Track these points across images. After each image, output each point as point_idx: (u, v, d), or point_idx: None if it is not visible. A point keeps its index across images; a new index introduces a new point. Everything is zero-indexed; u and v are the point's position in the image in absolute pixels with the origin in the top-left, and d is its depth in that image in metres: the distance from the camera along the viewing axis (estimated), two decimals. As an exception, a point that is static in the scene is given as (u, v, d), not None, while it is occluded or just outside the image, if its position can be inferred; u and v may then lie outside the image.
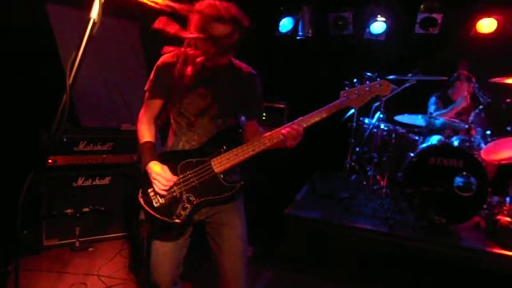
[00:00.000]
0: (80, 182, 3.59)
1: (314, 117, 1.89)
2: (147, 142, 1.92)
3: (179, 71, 1.86)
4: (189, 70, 1.84)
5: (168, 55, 1.93)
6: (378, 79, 1.98)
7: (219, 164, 1.86)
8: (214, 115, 1.91)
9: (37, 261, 3.31)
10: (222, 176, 1.87)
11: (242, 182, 1.92)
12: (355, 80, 1.98)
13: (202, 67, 1.85)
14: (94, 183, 3.66)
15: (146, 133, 1.95)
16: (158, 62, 1.93)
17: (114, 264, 3.37)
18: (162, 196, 1.84)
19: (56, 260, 3.37)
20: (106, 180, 3.71)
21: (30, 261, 3.27)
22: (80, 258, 3.44)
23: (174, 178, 1.83)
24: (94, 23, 0.98)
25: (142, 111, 2.02)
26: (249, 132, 2.03)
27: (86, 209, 3.58)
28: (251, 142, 1.88)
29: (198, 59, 1.81)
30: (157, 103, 1.97)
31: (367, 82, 1.96)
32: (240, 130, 1.95)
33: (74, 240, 3.54)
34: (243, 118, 2.00)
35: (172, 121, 1.99)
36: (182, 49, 1.89)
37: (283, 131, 1.86)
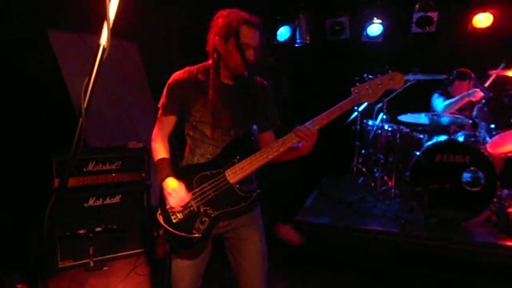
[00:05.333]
0: (91, 202, 3.62)
1: (327, 118, 1.85)
2: (162, 159, 1.94)
3: (191, 85, 1.91)
4: (208, 85, 1.88)
5: (179, 72, 1.97)
6: (390, 71, 1.91)
7: (234, 174, 1.85)
8: (226, 127, 1.92)
9: (54, 283, 3.32)
10: (238, 186, 1.86)
11: (258, 191, 1.90)
12: (365, 75, 1.93)
13: (218, 80, 1.91)
14: (105, 202, 3.69)
15: (160, 150, 1.97)
16: (170, 79, 1.96)
17: (130, 282, 3.38)
18: (180, 212, 1.85)
19: (72, 281, 3.39)
20: (117, 199, 3.74)
21: (46, 283, 3.30)
22: (96, 277, 3.46)
23: (188, 197, 1.83)
24: (104, 49, 1.02)
25: (156, 130, 2.02)
26: (265, 143, 2.00)
27: (98, 229, 3.60)
28: (264, 149, 1.86)
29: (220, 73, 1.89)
30: (171, 120, 1.99)
31: (378, 75, 1.90)
32: (252, 138, 1.94)
33: (88, 260, 3.56)
34: (254, 126, 1.99)
35: (187, 136, 2.01)
36: (196, 66, 1.97)
37: (300, 134, 1.82)
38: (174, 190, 1.82)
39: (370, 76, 2.09)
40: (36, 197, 3.20)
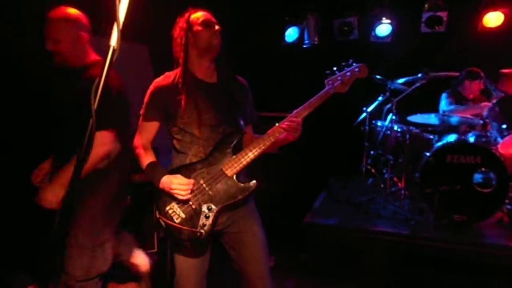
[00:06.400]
0: (100, 203, 3.64)
1: (307, 109, 2.01)
2: (151, 163, 1.97)
3: (172, 90, 1.95)
4: (180, 88, 1.93)
5: (159, 78, 2.03)
6: (354, 64, 2.15)
7: (231, 168, 1.90)
8: (214, 124, 1.96)
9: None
10: (235, 178, 1.91)
11: (255, 181, 1.94)
12: (334, 68, 2.14)
13: (195, 80, 1.97)
14: (114, 203, 3.70)
15: (146, 156, 1.99)
16: (151, 87, 2.01)
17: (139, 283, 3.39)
18: (182, 211, 1.86)
19: (82, 282, 3.41)
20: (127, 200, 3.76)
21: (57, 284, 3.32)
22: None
23: (192, 181, 1.86)
24: (114, 50, 1.03)
25: (137, 137, 2.05)
26: (246, 137, 2.08)
27: (108, 230, 3.62)
28: (256, 141, 1.94)
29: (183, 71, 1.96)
30: (153, 126, 2.02)
31: (346, 68, 2.13)
32: (243, 133, 2.01)
33: (98, 261, 3.58)
34: (242, 122, 2.06)
35: (174, 141, 2.03)
36: (175, 70, 2.03)
37: (283, 125, 1.95)
38: (174, 182, 1.83)
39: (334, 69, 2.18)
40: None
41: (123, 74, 4.40)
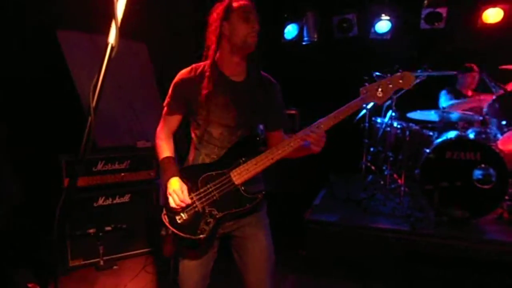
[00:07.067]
0: (100, 201, 3.64)
1: (334, 119, 1.81)
2: (167, 157, 1.93)
3: (197, 83, 1.87)
4: (206, 81, 1.85)
5: (184, 70, 1.94)
6: (400, 71, 1.88)
7: (239, 175, 1.83)
8: (233, 126, 1.89)
9: (64, 282, 3.35)
10: (243, 187, 1.84)
11: (263, 192, 1.88)
12: (374, 73, 1.92)
13: (222, 76, 1.88)
14: (114, 201, 3.70)
15: (165, 148, 1.96)
16: (176, 78, 1.93)
17: (140, 281, 3.40)
18: (184, 212, 1.83)
19: (83, 280, 3.41)
20: (126, 198, 3.76)
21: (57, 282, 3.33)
22: (106, 276, 3.48)
23: (190, 200, 1.81)
24: (112, 48, 1.02)
25: (160, 127, 2.02)
26: (274, 142, 1.98)
27: (108, 228, 3.62)
28: (270, 150, 1.83)
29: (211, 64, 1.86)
30: (175, 118, 1.98)
31: (388, 75, 1.89)
32: (258, 139, 1.92)
33: (98, 259, 3.59)
34: (261, 126, 1.98)
35: (192, 135, 1.99)
36: (203, 63, 1.93)
37: (306, 137, 1.80)
38: (175, 191, 1.79)
39: (377, 73, 2.04)
40: (47, 196, 3.23)
41: (124, 72, 4.41)
